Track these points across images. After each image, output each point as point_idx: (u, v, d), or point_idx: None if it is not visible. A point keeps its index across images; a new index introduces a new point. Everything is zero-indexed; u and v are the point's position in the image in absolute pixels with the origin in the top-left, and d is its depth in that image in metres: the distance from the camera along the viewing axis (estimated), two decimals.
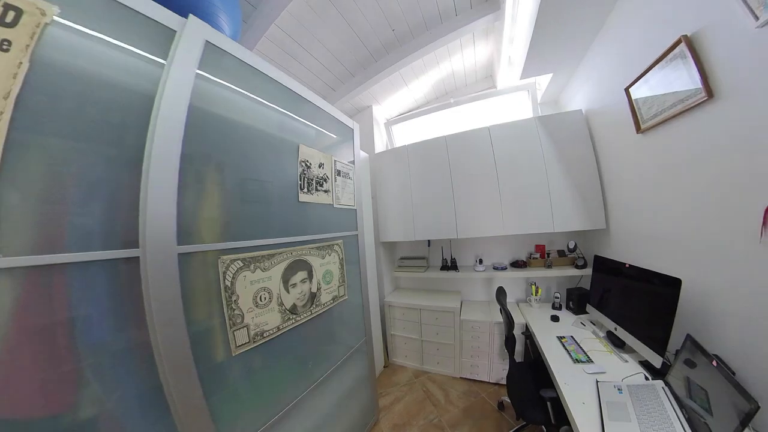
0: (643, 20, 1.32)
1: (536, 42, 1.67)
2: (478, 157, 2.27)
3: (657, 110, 1.29)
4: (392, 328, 2.57)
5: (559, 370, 1.37)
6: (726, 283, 1.07)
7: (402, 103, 3.08)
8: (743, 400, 0.79)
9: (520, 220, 2.14)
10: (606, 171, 1.89)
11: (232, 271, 0.99)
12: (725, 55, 0.96)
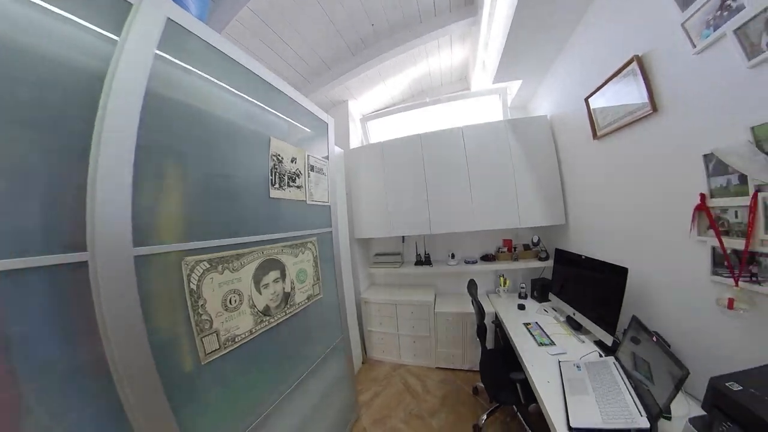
0: (603, 39, 1.46)
1: (509, 50, 1.76)
2: (451, 155, 2.36)
3: (611, 119, 1.46)
4: (369, 324, 2.58)
5: (526, 353, 1.49)
6: (663, 271, 1.25)
7: (378, 100, 3.06)
8: (677, 368, 0.93)
9: (489, 217, 2.27)
10: (566, 172, 2.09)
11: (197, 274, 0.90)
12: (668, 74, 1.10)
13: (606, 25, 1.41)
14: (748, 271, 0.89)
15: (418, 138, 2.45)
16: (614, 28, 1.36)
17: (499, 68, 1.93)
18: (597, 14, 1.46)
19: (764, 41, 0.75)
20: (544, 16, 1.52)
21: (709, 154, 0.98)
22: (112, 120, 0.69)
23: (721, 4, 0.83)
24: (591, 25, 1.53)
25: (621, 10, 1.29)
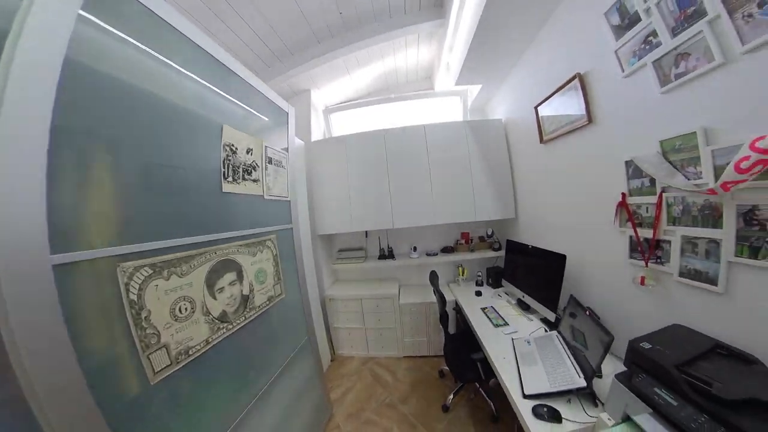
0: (553, 55, 1.65)
1: (471, 57, 1.89)
2: (414, 152, 2.43)
3: (555, 127, 1.68)
4: (335, 321, 2.55)
5: (484, 335, 1.65)
6: (593, 256, 1.50)
7: (343, 92, 2.98)
8: (605, 335, 1.13)
9: (448, 211, 2.42)
10: (517, 171, 2.34)
11: (137, 282, 0.78)
12: (602, 92, 1.32)
13: (556, 44, 1.60)
14: (655, 255, 1.13)
15: (383, 133, 2.47)
16: (562, 47, 1.55)
17: (462, 72, 2.05)
18: (549, 34, 1.65)
19: (673, 73, 0.95)
20: (504, 30, 1.66)
21: (629, 161, 1.20)
22: (15, 93, 0.54)
23: (645, 38, 1.02)
24: (543, 43, 1.72)
25: (568, 33, 1.48)
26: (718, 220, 0.89)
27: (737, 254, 0.84)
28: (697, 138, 0.91)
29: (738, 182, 0.79)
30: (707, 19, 0.81)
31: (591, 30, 1.28)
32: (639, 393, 0.85)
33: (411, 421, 1.81)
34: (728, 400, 0.68)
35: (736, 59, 0.78)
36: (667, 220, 1.06)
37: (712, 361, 0.82)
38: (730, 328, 0.88)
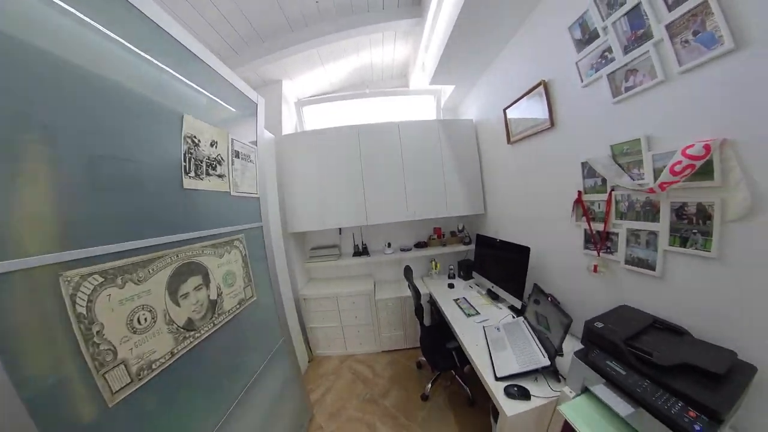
0: (522, 62, 1.76)
1: (445, 58, 1.94)
2: (388, 149, 2.45)
3: (522, 129, 1.81)
4: (311, 321, 2.49)
5: (458, 324, 1.74)
6: (554, 248, 1.66)
7: (317, 84, 2.87)
8: (565, 318, 1.26)
9: (421, 207, 2.49)
10: (486, 169, 2.48)
11: (85, 292, 0.68)
12: (563, 99, 1.45)
13: (525, 51, 1.71)
14: (605, 246, 1.28)
15: (356, 129, 2.44)
16: (530, 55, 1.66)
17: (436, 72, 2.11)
18: (519, 42, 1.75)
19: (623, 86, 1.09)
20: (478, 35, 1.74)
21: (585, 162, 1.35)
22: None
23: (602, 53, 1.15)
24: (514, 49, 1.83)
25: (537, 43, 1.59)
26: (656, 215, 1.04)
27: (671, 244, 1.00)
28: (641, 144, 1.06)
29: (672, 183, 0.93)
30: (653, 41, 0.94)
31: (556, 41, 1.39)
32: (594, 366, 0.97)
33: (392, 414, 1.86)
34: (665, 366, 0.81)
35: (674, 78, 0.92)
36: (616, 215, 1.22)
37: (651, 335, 0.96)
38: (665, 306, 1.04)
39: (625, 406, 0.85)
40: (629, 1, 0.99)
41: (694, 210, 0.92)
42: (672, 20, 0.87)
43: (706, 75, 0.83)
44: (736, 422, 0.81)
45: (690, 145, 0.87)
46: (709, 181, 0.85)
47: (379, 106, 3.00)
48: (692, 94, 0.88)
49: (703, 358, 0.79)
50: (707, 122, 0.85)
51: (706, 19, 0.78)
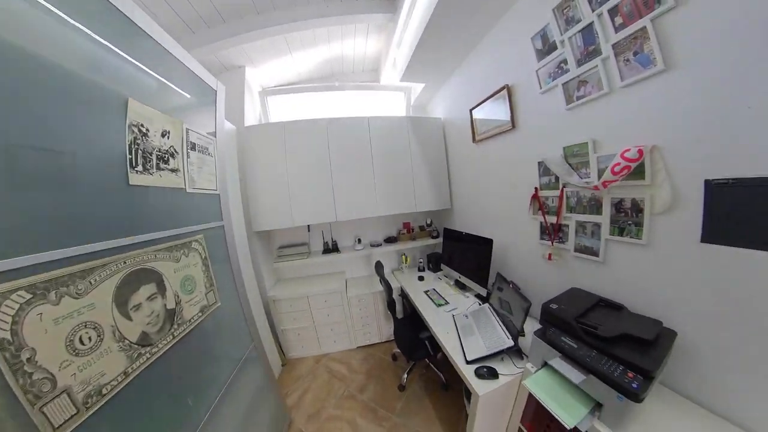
0: (488, 66, 1.85)
1: (417, 56, 1.97)
2: (358, 144, 2.42)
3: (485, 129, 1.93)
4: (282, 323, 2.39)
5: (429, 315, 1.83)
6: (514, 239, 1.81)
7: (283, 74, 2.68)
8: (524, 302, 1.40)
9: (391, 202, 2.52)
10: (452, 166, 2.60)
11: (8, 312, 0.57)
12: (524, 103, 1.58)
13: (492, 56, 1.81)
14: (558, 236, 1.45)
15: (325, 122, 2.36)
16: (497, 60, 1.76)
17: (407, 69, 2.14)
18: (486, 46, 1.84)
19: (575, 95, 1.22)
20: (448, 36, 1.80)
21: (541, 162, 1.50)
22: None
23: (558, 64, 1.28)
24: (481, 53, 1.91)
25: (503, 49, 1.69)
26: (599, 209, 1.20)
27: (611, 233, 1.17)
28: (588, 147, 1.21)
29: (612, 181, 1.09)
30: (601, 58, 1.07)
31: (520, 49, 1.50)
32: (551, 343, 1.09)
33: (371, 407, 1.89)
34: (608, 337, 0.95)
35: (617, 91, 1.06)
36: (567, 209, 1.38)
37: (597, 312, 1.12)
38: (607, 287, 1.22)
39: (578, 374, 0.98)
40: (584, 20, 1.11)
41: (629, 204, 1.08)
42: (618, 40, 1.00)
43: (641, 90, 0.98)
44: (663, 378, 1.00)
45: (627, 149, 1.03)
46: (641, 180, 1.01)
47: (348, 99, 2.93)
48: (630, 105, 1.03)
49: (637, 328, 0.95)
50: (641, 130, 1.01)
51: (644, 42, 0.92)
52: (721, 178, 0.81)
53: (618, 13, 0.98)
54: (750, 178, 0.76)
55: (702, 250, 0.88)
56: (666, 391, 1.00)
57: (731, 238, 0.81)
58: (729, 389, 0.86)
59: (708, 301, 0.89)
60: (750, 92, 0.74)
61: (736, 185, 0.78)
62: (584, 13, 1.10)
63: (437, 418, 1.74)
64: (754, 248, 0.77)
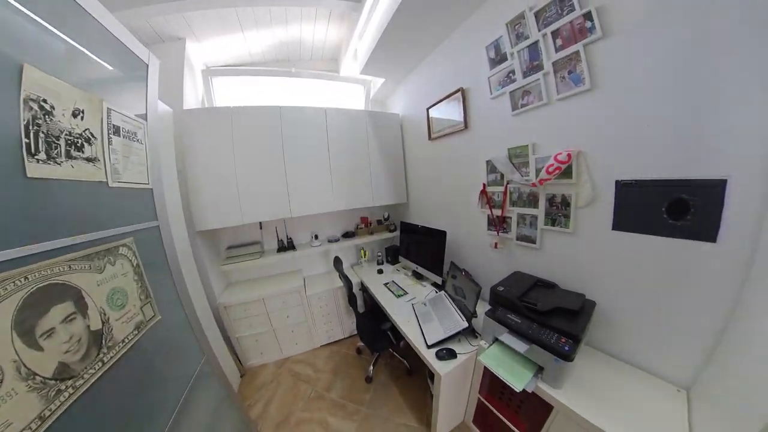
0: (446, 68, 1.93)
1: (378, 50, 1.95)
2: (314, 135, 2.30)
3: (440, 128, 2.05)
4: (237, 330, 2.16)
5: (389, 306, 1.89)
6: (465, 230, 1.98)
7: (233, 52, 2.34)
8: (476, 287, 1.55)
9: (348, 197, 2.48)
10: (409, 162, 2.68)
11: None
12: (476, 106, 1.72)
13: (450, 59, 1.89)
14: (503, 227, 1.64)
15: (279, 110, 2.18)
16: (454, 63, 1.85)
17: (368, 63, 2.10)
18: (446, 49, 1.91)
19: (520, 102, 1.39)
20: (411, 35, 1.82)
21: (488, 160, 1.67)
22: None
23: (507, 74, 1.42)
24: (441, 55, 1.98)
25: (460, 53, 1.77)
26: (536, 203, 1.40)
27: (545, 224, 1.37)
28: (529, 149, 1.39)
29: (547, 180, 1.28)
30: (543, 72, 1.24)
31: (476, 56, 1.62)
32: (500, 320, 1.25)
33: (340, 403, 1.87)
34: (544, 311, 1.14)
35: (553, 102, 1.24)
36: (510, 203, 1.57)
37: (535, 290, 1.32)
38: (542, 269, 1.44)
39: (522, 345, 1.15)
40: (531, 38, 1.26)
41: (560, 200, 1.29)
42: (557, 59, 1.17)
43: (572, 103, 1.17)
44: (587, 340, 1.23)
45: (560, 152, 1.22)
46: (569, 179, 1.21)
47: (305, 88, 2.73)
48: (563, 115, 1.22)
49: (567, 301, 1.15)
50: (571, 137, 1.20)
51: (577, 64, 1.09)
52: (627, 179, 1.03)
53: (559, 36, 1.15)
54: (644, 180, 0.99)
55: (613, 236, 1.11)
56: (590, 350, 1.24)
57: (632, 227, 1.05)
58: (633, 343, 1.13)
59: (617, 277, 1.13)
60: (647, 114, 0.96)
61: (636, 185, 1.01)
62: (532, 32, 1.25)
63: (405, 403, 1.82)
64: (645, 233, 1.01)
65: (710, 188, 0.83)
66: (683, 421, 0.89)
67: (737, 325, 0.82)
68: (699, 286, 0.91)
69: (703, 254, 0.88)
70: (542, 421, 1.10)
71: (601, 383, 1.07)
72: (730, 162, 0.80)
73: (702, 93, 0.83)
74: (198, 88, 2.30)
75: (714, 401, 0.84)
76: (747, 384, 0.72)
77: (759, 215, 0.77)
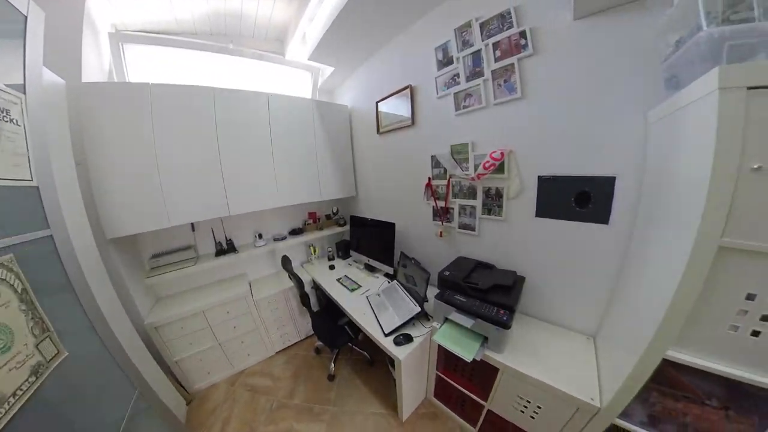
0: (396, 64, 1.96)
1: (330, 37, 1.85)
2: (254, 123, 2.06)
3: (389, 122, 2.09)
4: (174, 352, 1.82)
5: (344, 301, 1.90)
6: (412, 221, 2.10)
7: (153, 16, 1.85)
8: (425, 273, 1.66)
9: (294, 192, 2.33)
10: (357, 155, 2.66)
11: None
12: (423, 104, 1.81)
13: (401, 55, 1.91)
14: (446, 217, 1.80)
15: (212, 91, 1.86)
16: (405, 59, 1.89)
17: (317, 48, 1.98)
18: (398, 45, 1.92)
19: (462, 104, 1.53)
20: (364, 25, 1.77)
21: (433, 156, 1.79)
22: None
23: (453, 76, 1.54)
24: (392, 50, 1.98)
25: (412, 50, 1.81)
26: (475, 195, 1.58)
27: (482, 213, 1.57)
28: (468, 147, 1.55)
29: (484, 174, 1.46)
30: (483, 79, 1.38)
31: (425, 56, 1.69)
32: (448, 301, 1.39)
33: (306, 407, 1.80)
34: (485, 288, 1.31)
35: (490, 106, 1.41)
36: (452, 195, 1.73)
37: (477, 272, 1.50)
38: (482, 253, 1.64)
39: (469, 320, 1.30)
40: (475, 46, 1.39)
41: (494, 192, 1.49)
42: (495, 68, 1.32)
43: (506, 109, 1.36)
44: (520, 308, 1.46)
45: (494, 151, 1.40)
46: (502, 174, 1.40)
47: (244, 69, 2.38)
48: (498, 119, 1.40)
49: (502, 278, 1.34)
50: (504, 138, 1.39)
51: (512, 75, 1.26)
52: (546, 175, 1.26)
53: (498, 48, 1.30)
54: (559, 176, 1.22)
55: (536, 222, 1.34)
56: (522, 317, 1.49)
57: (550, 214, 1.29)
58: (553, 306, 1.40)
59: (540, 254, 1.38)
60: (563, 122, 1.18)
61: (553, 180, 1.24)
62: (476, 41, 1.38)
63: (371, 393, 1.86)
64: (559, 219, 1.25)
65: (605, 183, 1.09)
66: (592, 360, 1.16)
67: (622, 283, 1.11)
68: (597, 257, 1.18)
69: (600, 233, 1.15)
70: (491, 382, 1.29)
71: (532, 342, 1.31)
72: (618, 164, 1.06)
73: (598, 110, 1.08)
74: (104, 57, 1.79)
75: (610, 342, 1.12)
76: (628, 326, 0.98)
77: (634, 204, 1.04)
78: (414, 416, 1.65)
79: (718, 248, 0.63)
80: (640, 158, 1.00)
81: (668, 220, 0.82)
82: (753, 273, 0.63)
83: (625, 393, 0.86)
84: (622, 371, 0.87)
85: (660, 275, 0.80)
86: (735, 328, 0.67)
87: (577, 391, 1.03)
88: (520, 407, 1.21)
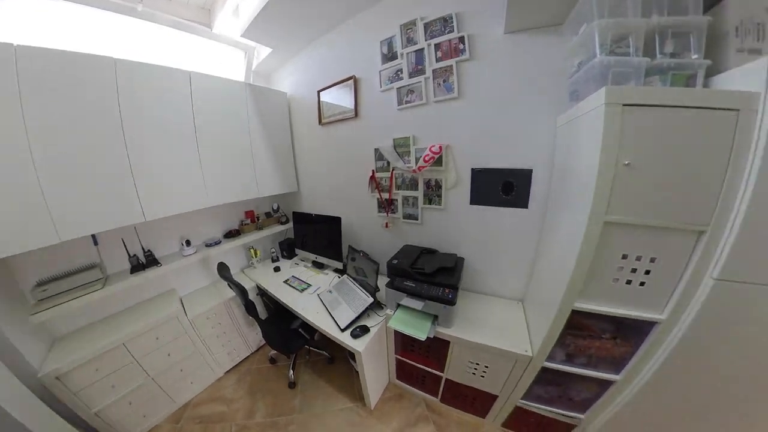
0: (341, 52, 1.87)
1: (268, 13, 1.64)
2: (171, 106, 1.67)
3: (332, 113, 2.03)
4: (91, 403, 1.42)
5: (295, 303, 1.80)
6: (358, 214, 2.11)
7: None
8: (374, 264, 1.70)
9: (226, 189, 2.03)
10: (297, 147, 2.48)
11: None
12: (366, 96, 1.80)
13: (346, 43, 1.84)
14: (391, 208, 1.86)
15: (113, 63, 1.41)
16: (350, 49, 1.82)
17: (253, 24, 1.73)
18: (343, 33, 1.83)
19: (404, 99, 1.58)
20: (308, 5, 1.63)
21: (377, 149, 1.82)
22: None
23: (396, 72, 1.57)
24: (338, 37, 1.87)
25: (358, 40, 1.75)
26: (416, 186, 1.68)
27: (424, 203, 1.68)
28: (410, 140, 1.63)
29: (424, 167, 1.56)
30: (424, 76, 1.46)
31: (370, 48, 1.67)
32: (398, 288, 1.47)
33: (270, 423, 1.67)
34: (431, 272, 1.42)
35: (431, 103, 1.50)
36: (396, 187, 1.80)
37: (422, 258, 1.60)
38: (425, 240, 1.77)
39: (419, 303, 1.40)
40: (419, 44, 1.44)
41: (434, 183, 1.61)
42: (436, 68, 1.41)
43: (445, 106, 1.47)
44: (462, 286, 1.58)
45: (433, 145, 1.51)
46: (440, 167, 1.53)
47: (158, 39, 1.87)
48: (437, 115, 1.51)
49: (445, 261, 1.48)
50: (442, 133, 1.51)
51: (450, 75, 1.37)
52: (479, 167, 1.43)
53: (439, 50, 1.38)
54: (488, 168, 1.39)
55: (470, 209, 1.52)
56: (465, 293, 1.66)
57: (482, 201, 1.47)
58: (488, 280, 1.61)
59: (475, 237, 1.56)
60: (492, 121, 1.34)
61: (483, 172, 1.41)
62: (420, 39, 1.44)
63: (336, 390, 1.84)
64: (489, 205, 1.44)
65: (524, 175, 1.30)
66: (522, 320, 1.41)
67: (539, 255, 1.35)
68: (520, 236, 1.42)
69: (521, 216, 1.38)
70: (445, 354, 1.44)
71: (474, 313, 1.49)
72: (534, 158, 1.29)
73: (520, 112, 1.28)
74: None
75: (534, 303, 1.37)
76: (546, 288, 1.21)
77: (545, 192, 1.28)
78: (381, 402, 1.72)
79: (604, 223, 0.85)
80: (550, 154, 1.23)
81: (570, 203, 1.03)
82: (626, 240, 0.86)
83: (549, 340, 1.10)
84: (545, 324, 1.09)
85: (566, 246, 1.01)
86: (616, 280, 0.91)
87: (514, 347, 1.24)
88: (472, 370, 1.40)
